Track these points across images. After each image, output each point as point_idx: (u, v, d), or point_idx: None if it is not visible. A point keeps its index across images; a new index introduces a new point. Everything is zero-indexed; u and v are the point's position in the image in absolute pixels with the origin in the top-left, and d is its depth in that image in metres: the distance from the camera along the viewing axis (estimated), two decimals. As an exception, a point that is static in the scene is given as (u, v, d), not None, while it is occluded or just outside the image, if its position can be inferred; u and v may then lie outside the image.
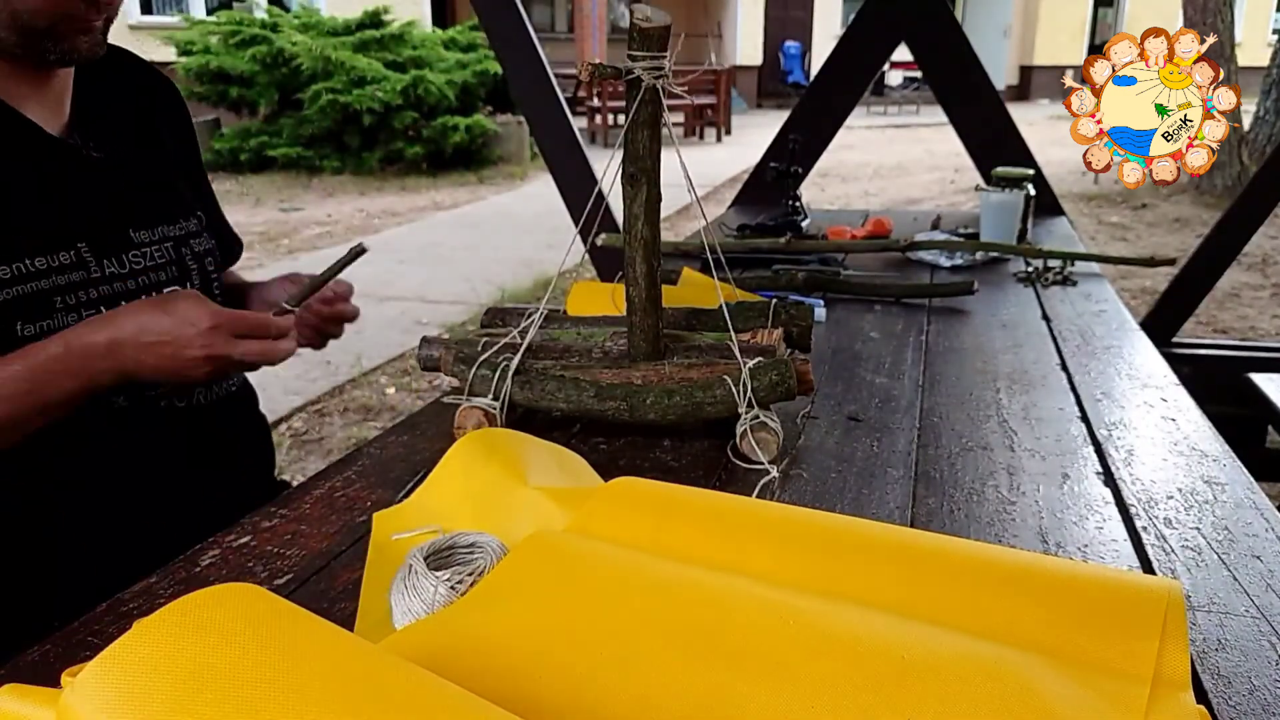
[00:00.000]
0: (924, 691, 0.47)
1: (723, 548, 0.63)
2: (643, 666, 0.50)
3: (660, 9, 0.82)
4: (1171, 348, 2.66)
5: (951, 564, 0.61)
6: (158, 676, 0.40)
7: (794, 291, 1.44)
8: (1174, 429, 0.95)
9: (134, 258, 0.93)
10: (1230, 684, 0.55)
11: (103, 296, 0.90)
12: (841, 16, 18.15)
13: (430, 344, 0.97)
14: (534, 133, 2.72)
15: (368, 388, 3.65)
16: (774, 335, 0.97)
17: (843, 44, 2.45)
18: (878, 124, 14.03)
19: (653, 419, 0.89)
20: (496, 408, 0.89)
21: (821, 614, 0.53)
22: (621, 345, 0.95)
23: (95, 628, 0.61)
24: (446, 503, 0.74)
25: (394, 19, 9.48)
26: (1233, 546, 0.71)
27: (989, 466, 0.85)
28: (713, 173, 8.88)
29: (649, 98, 0.83)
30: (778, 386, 0.86)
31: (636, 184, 0.87)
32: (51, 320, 0.85)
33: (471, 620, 0.55)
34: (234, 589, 0.45)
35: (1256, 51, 14.81)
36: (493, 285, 4.89)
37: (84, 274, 0.88)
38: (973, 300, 1.43)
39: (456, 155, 9.11)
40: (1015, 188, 1.78)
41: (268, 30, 8.88)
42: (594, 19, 13.22)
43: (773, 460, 0.84)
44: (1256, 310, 4.72)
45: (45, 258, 0.85)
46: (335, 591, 0.65)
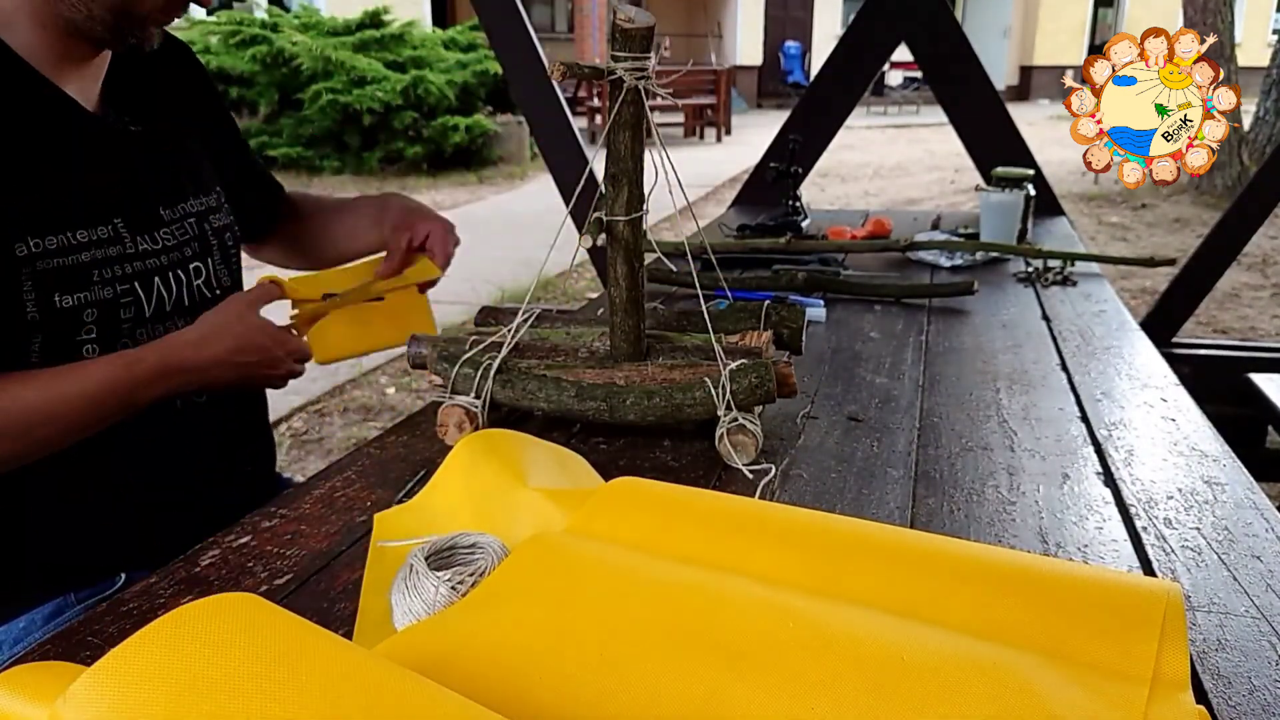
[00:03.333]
0: (924, 692, 0.47)
1: (722, 548, 0.63)
2: (643, 667, 0.50)
3: (647, 10, 0.82)
4: (1171, 348, 2.66)
5: (951, 565, 0.61)
6: (153, 688, 0.39)
7: (794, 292, 1.44)
8: (1174, 429, 0.95)
9: (165, 234, 0.95)
10: (1230, 684, 0.55)
11: (136, 272, 0.92)
12: (841, 16, 18.16)
13: (419, 342, 0.97)
14: (534, 133, 2.72)
15: (368, 388, 3.65)
16: (764, 337, 0.97)
17: (843, 44, 2.45)
18: (878, 124, 14.03)
19: (632, 420, 0.89)
20: (478, 406, 0.89)
21: (821, 615, 0.53)
22: (608, 345, 0.95)
23: (95, 627, 0.60)
24: (447, 504, 0.74)
25: (394, 19, 9.48)
26: (1233, 547, 0.71)
27: (989, 467, 0.85)
28: (713, 173, 8.88)
29: (631, 98, 0.83)
30: (757, 389, 0.86)
31: (618, 185, 0.87)
32: (88, 293, 0.87)
33: (472, 621, 0.55)
34: (230, 599, 0.44)
35: (1256, 51, 14.82)
36: (493, 285, 4.89)
37: (120, 249, 0.90)
38: (973, 300, 1.43)
39: (456, 155, 9.11)
40: (1015, 188, 1.78)
41: (268, 30, 8.88)
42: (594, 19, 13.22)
43: (752, 463, 0.84)
44: (1256, 310, 4.72)
45: (86, 231, 0.87)
46: (335, 591, 0.65)
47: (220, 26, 9.02)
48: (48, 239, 0.84)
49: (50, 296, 0.84)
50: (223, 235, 1.04)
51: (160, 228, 0.95)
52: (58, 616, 0.90)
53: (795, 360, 0.99)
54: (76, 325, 0.87)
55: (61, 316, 0.85)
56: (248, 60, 8.64)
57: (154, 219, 0.95)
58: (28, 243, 0.83)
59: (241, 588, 0.65)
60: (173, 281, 0.95)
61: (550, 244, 0.91)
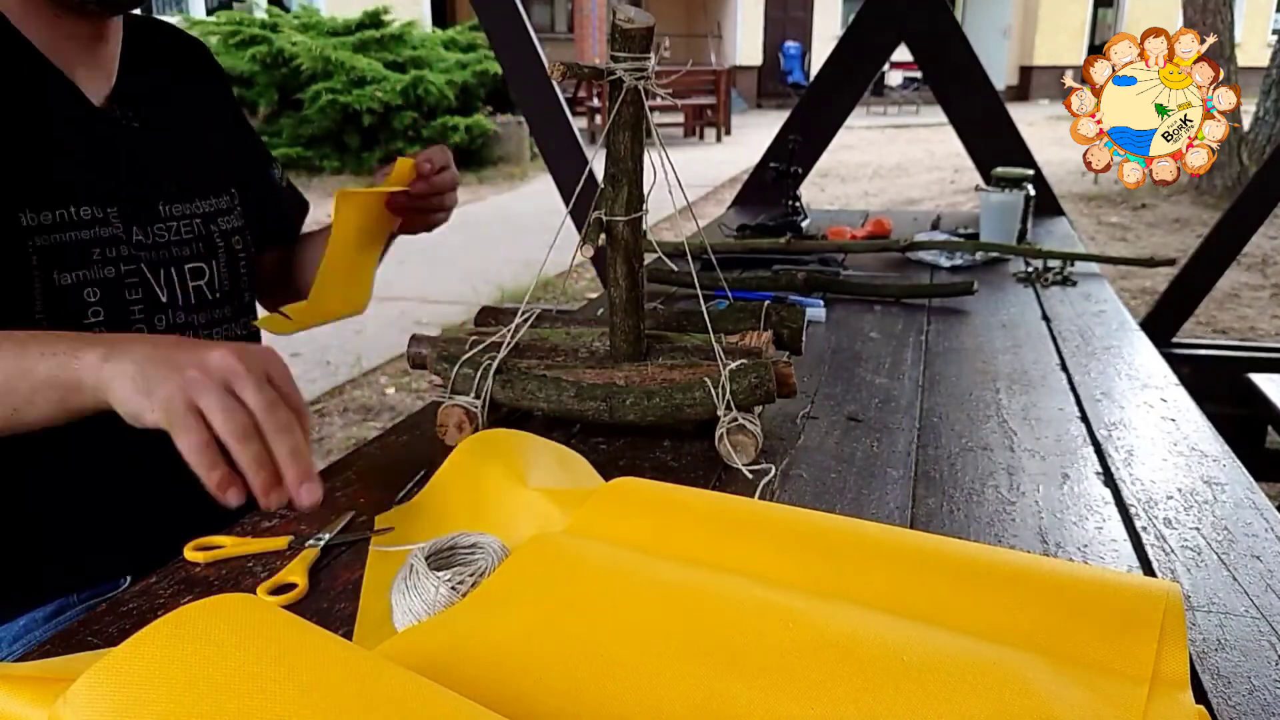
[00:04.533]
0: (923, 693, 0.47)
1: (722, 548, 0.63)
2: (643, 667, 0.50)
3: (648, 10, 0.82)
4: (1171, 348, 2.66)
5: (951, 565, 0.61)
6: (153, 688, 0.39)
7: (794, 292, 1.44)
8: (1174, 429, 0.95)
9: (158, 230, 0.95)
10: (1230, 684, 0.55)
11: (135, 260, 0.91)
12: (841, 17, 18.17)
13: (418, 342, 0.97)
14: (534, 133, 2.73)
15: (367, 388, 3.66)
16: (764, 337, 0.97)
17: (843, 44, 2.45)
18: (878, 124, 14.03)
19: (632, 420, 0.89)
20: (478, 406, 0.89)
21: (821, 615, 0.53)
22: (608, 345, 0.95)
23: (95, 628, 0.60)
24: (447, 504, 0.74)
25: (394, 19, 9.48)
26: (1232, 547, 0.71)
27: (989, 467, 0.85)
28: (713, 173, 8.88)
29: (630, 99, 0.83)
30: (757, 389, 0.86)
31: (617, 185, 0.87)
32: (89, 270, 0.87)
33: (473, 622, 0.55)
34: (230, 599, 0.44)
35: (1256, 51, 14.82)
36: (492, 285, 4.89)
37: (114, 233, 0.90)
38: (972, 300, 1.43)
39: (456, 155, 9.06)
40: (1015, 188, 1.78)
41: (267, 30, 8.88)
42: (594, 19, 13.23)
43: (751, 463, 0.84)
44: (1256, 310, 4.72)
45: (84, 208, 0.87)
46: (335, 591, 0.65)
47: (220, 26, 9.02)
48: (43, 214, 0.84)
49: (49, 274, 0.84)
50: (230, 238, 1.03)
51: (157, 223, 0.95)
52: (58, 616, 0.90)
53: (795, 360, 0.99)
54: (80, 306, 0.87)
55: (62, 295, 0.85)
56: (247, 60, 8.64)
57: (152, 214, 0.94)
58: (25, 214, 0.83)
59: (241, 588, 0.65)
60: (174, 278, 0.95)
61: (550, 244, 0.91)
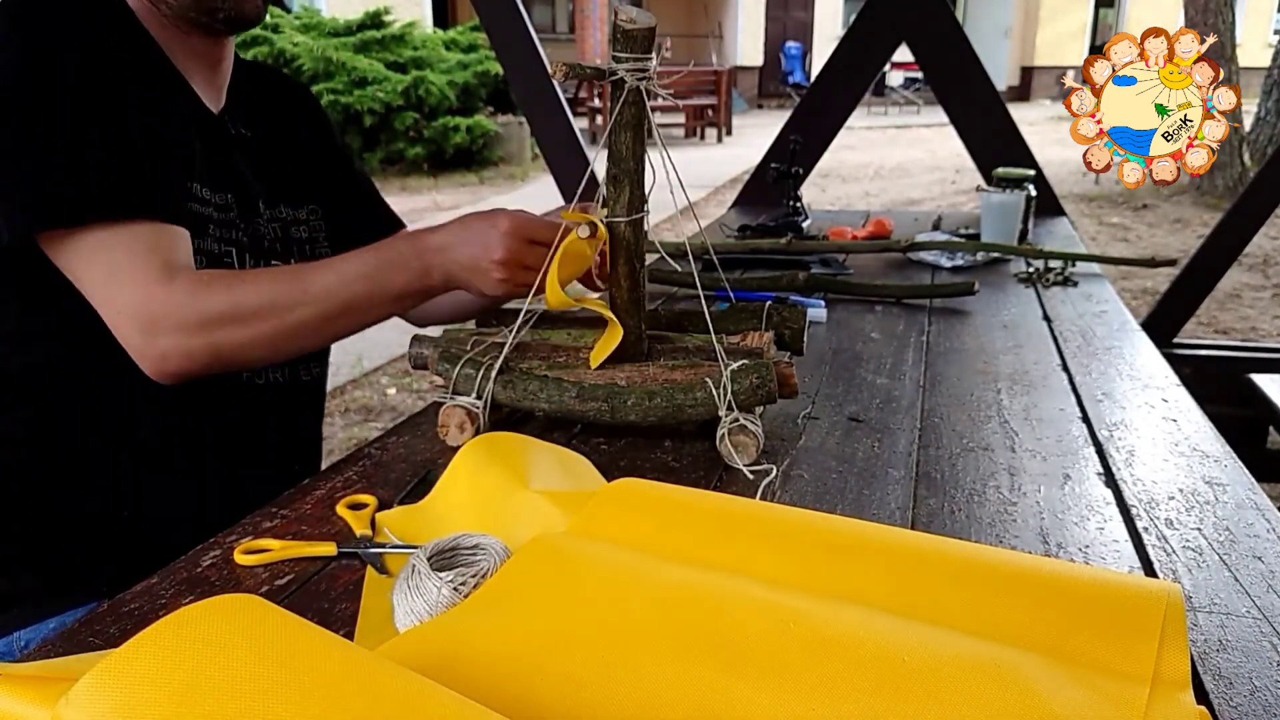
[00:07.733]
0: (925, 694, 0.47)
1: (723, 549, 0.63)
2: (644, 668, 0.50)
3: (649, 10, 0.82)
4: (1172, 348, 2.66)
5: (952, 566, 0.61)
6: (155, 689, 0.39)
7: (795, 292, 1.44)
8: (1175, 430, 0.95)
9: (257, 223, 1.03)
10: (1231, 685, 0.55)
11: (240, 244, 0.99)
12: (842, 17, 18.16)
13: (420, 342, 0.97)
14: (534, 133, 2.73)
15: (368, 388, 3.66)
16: (765, 338, 0.97)
17: (843, 44, 2.45)
18: (878, 124, 14.03)
19: (633, 420, 0.89)
20: (479, 407, 0.89)
21: (822, 616, 0.53)
22: None
23: (97, 628, 0.61)
24: (449, 506, 0.75)
25: (395, 20, 9.48)
26: (1234, 547, 0.71)
27: (990, 467, 0.85)
28: (713, 173, 8.88)
29: (632, 99, 0.83)
30: (759, 389, 0.86)
31: (619, 185, 0.87)
32: (203, 241, 0.94)
33: (474, 623, 0.56)
34: (231, 600, 0.44)
35: (1257, 51, 14.82)
36: (493, 286, 4.89)
37: (229, 217, 0.98)
38: (974, 301, 1.43)
39: (457, 156, 9.11)
40: (1016, 188, 1.78)
41: (268, 31, 8.87)
42: (595, 19, 13.23)
43: (752, 463, 0.84)
44: (1257, 311, 4.72)
45: (210, 191, 0.96)
46: (336, 592, 0.65)
47: (221, 27, 9.01)
48: (193, 185, 0.93)
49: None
50: (304, 245, 1.10)
51: (256, 217, 1.03)
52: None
53: (796, 361, 0.99)
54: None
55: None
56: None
57: (254, 209, 1.03)
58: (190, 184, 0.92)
59: (242, 588, 0.65)
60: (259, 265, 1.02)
61: (552, 245, 0.91)
